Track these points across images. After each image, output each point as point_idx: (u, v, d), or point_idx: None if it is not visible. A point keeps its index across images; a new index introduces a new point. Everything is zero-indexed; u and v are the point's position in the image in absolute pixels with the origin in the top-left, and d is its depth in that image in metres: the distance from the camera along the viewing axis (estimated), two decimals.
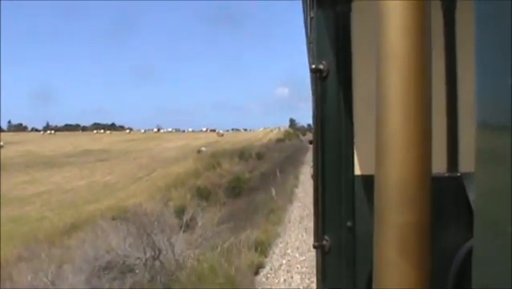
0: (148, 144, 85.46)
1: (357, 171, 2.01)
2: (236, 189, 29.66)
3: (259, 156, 51.34)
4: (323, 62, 1.97)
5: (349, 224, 2.00)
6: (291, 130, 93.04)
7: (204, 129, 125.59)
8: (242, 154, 50.48)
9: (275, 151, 56.04)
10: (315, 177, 2.04)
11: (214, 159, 50.85)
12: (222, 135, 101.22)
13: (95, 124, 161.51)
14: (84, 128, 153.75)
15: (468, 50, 0.70)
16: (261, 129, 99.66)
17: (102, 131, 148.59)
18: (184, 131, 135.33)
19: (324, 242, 2.01)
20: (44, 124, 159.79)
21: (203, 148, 60.78)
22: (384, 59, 0.80)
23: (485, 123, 0.62)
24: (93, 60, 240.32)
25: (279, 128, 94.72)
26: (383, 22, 0.80)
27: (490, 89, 0.61)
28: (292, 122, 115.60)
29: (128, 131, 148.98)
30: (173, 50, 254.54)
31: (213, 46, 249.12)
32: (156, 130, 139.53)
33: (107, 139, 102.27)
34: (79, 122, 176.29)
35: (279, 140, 66.95)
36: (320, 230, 2.03)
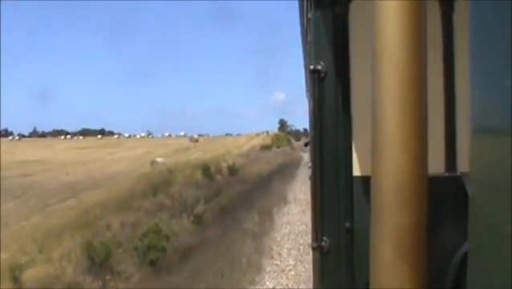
0: (103, 152, 70.93)
1: (355, 172, 2.05)
2: (154, 251, 14.94)
3: (232, 171, 37.07)
4: (321, 63, 2.02)
5: (347, 225, 2.04)
6: (282, 134, 77.68)
7: (182, 134, 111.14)
8: (208, 169, 36.17)
9: (257, 162, 41.82)
10: (313, 178, 2.08)
11: (167, 175, 36.74)
12: (197, 140, 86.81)
13: (83, 129, 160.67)
14: (68, 134, 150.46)
15: (466, 51, 0.66)
16: (247, 133, 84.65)
17: (69, 136, 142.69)
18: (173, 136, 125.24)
19: (323, 243, 2.05)
20: (31, 130, 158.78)
21: (159, 160, 46.44)
22: (380, 60, 0.82)
23: (480, 124, 0.64)
24: (90, 65, 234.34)
25: (267, 131, 79.07)
26: (378, 23, 0.82)
27: (484, 90, 0.63)
28: (283, 124, 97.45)
29: (99, 136, 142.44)
30: (171, 55, 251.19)
31: (212, 49, 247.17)
32: (127, 135, 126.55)
33: (60, 146, 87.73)
34: (73, 127, 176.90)
35: (265, 147, 52.41)
36: (319, 231, 2.07)
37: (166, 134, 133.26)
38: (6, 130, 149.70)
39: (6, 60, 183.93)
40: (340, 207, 2.04)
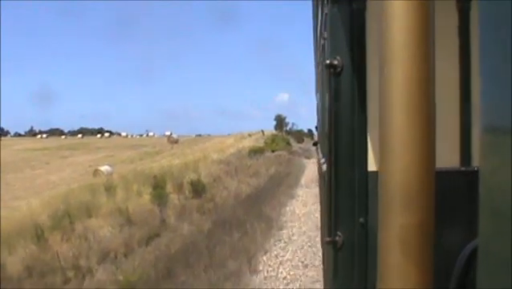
0: (58, 154, 59.46)
1: (370, 167, 2.07)
2: None
3: (197, 189, 25.19)
4: (338, 57, 2.04)
5: (362, 220, 2.06)
6: (280, 134, 64.79)
7: (167, 133, 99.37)
8: (160, 186, 24.52)
9: (238, 174, 30.03)
10: (328, 172, 2.13)
11: (99, 195, 25.18)
12: (176, 141, 75.05)
13: (81, 128, 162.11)
14: (62, 133, 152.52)
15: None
16: (237, 132, 71.84)
17: (45, 136, 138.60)
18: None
19: (337, 238, 2.06)
20: (27, 129, 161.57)
21: (104, 169, 35.05)
22: (388, 61, 0.85)
23: (490, 122, 0.65)
24: (91, 65, 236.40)
25: (262, 130, 65.88)
26: (386, 24, 0.85)
27: (495, 89, 0.64)
28: (280, 121, 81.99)
29: (80, 136, 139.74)
30: (174, 55, 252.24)
31: (213, 50, 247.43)
32: (107, 135, 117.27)
33: (17, 147, 76.73)
34: (73, 126, 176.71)
35: (255, 151, 40.43)
36: (333, 226, 2.09)
37: (151, 133, 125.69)
38: (2, 129, 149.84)
39: (4, 60, 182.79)
40: (355, 202, 2.06)
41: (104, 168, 35.73)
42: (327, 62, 2.04)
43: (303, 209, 14.58)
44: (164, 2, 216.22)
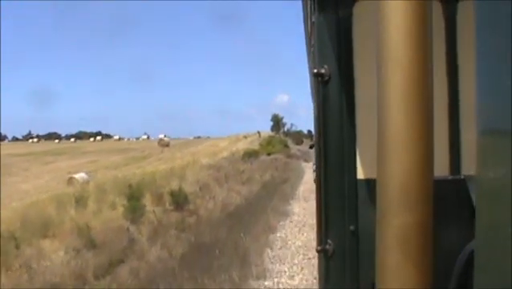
0: (42, 160, 56.40)
1: (360, 175, 2.08)
2: None
3: (178, 200, 21.92)
4: (325, 66, 2.06)
5: (352, 228, 2.06)
6: (277, 135, 61.10)
7: (161, 135, 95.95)
8: (137, 194, 21.35)
9: (229, 180, 26.86)
10: (318, 181, 2.13)
11: (63, 210, 22.02)
12: (167, 145, 71.49)
13: (79, 131, 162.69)
14: (58, 137, 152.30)
15: (469, 52, 0.74)
16: (234, 134, 68.31)
17: (36, 140, 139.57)
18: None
19: (327, 247, 2.08)
20: (25, 133, 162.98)
21: (79, 176, 31.95)
22: (385, 61, 0.84)
23: (486, 125, 0.66)
24: (92, 66, 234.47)
25: (258, 132, 62.46)
26: (383, 23, 0.84)
27: (490, 91, 0.65)
28: (277, 121, 77.12)
29: (73, 140, 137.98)
30: (174, 55, 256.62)
31: (213, 51, 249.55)
32: (99, 138, 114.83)
33: (4, 152, 73.27)
34: (71, 130, 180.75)
35: (249, 155, 37.16)
36: (323, 234, 2.10)
37: (144, 136, 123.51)
38: None
39: (3, 62, 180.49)
40: (345, 210, 2.07)
41: (79, 175, 32.44)
42: (315, 71, 2.06)
43: (299, 238, 10.31)
44: (163, 2, 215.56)
